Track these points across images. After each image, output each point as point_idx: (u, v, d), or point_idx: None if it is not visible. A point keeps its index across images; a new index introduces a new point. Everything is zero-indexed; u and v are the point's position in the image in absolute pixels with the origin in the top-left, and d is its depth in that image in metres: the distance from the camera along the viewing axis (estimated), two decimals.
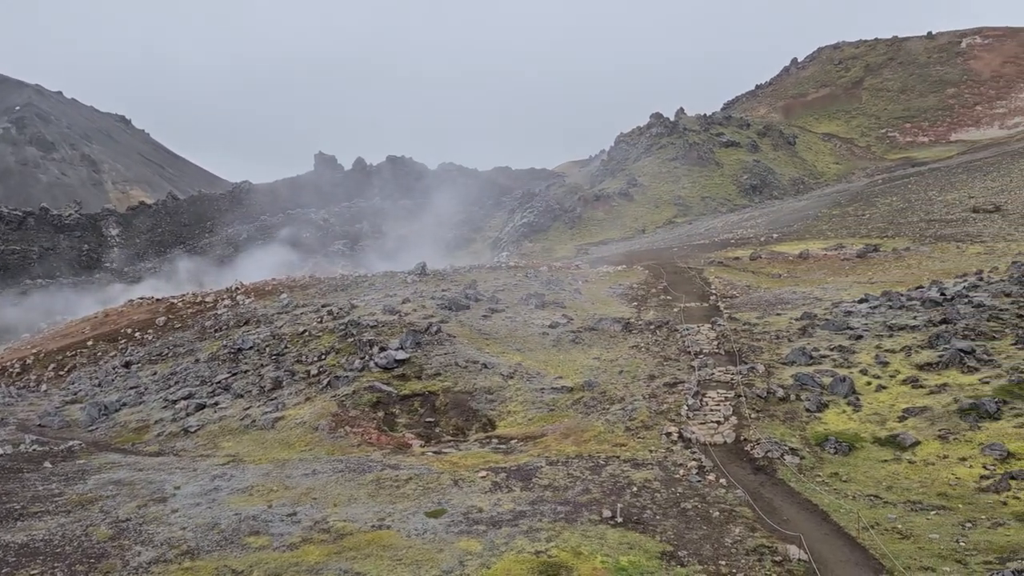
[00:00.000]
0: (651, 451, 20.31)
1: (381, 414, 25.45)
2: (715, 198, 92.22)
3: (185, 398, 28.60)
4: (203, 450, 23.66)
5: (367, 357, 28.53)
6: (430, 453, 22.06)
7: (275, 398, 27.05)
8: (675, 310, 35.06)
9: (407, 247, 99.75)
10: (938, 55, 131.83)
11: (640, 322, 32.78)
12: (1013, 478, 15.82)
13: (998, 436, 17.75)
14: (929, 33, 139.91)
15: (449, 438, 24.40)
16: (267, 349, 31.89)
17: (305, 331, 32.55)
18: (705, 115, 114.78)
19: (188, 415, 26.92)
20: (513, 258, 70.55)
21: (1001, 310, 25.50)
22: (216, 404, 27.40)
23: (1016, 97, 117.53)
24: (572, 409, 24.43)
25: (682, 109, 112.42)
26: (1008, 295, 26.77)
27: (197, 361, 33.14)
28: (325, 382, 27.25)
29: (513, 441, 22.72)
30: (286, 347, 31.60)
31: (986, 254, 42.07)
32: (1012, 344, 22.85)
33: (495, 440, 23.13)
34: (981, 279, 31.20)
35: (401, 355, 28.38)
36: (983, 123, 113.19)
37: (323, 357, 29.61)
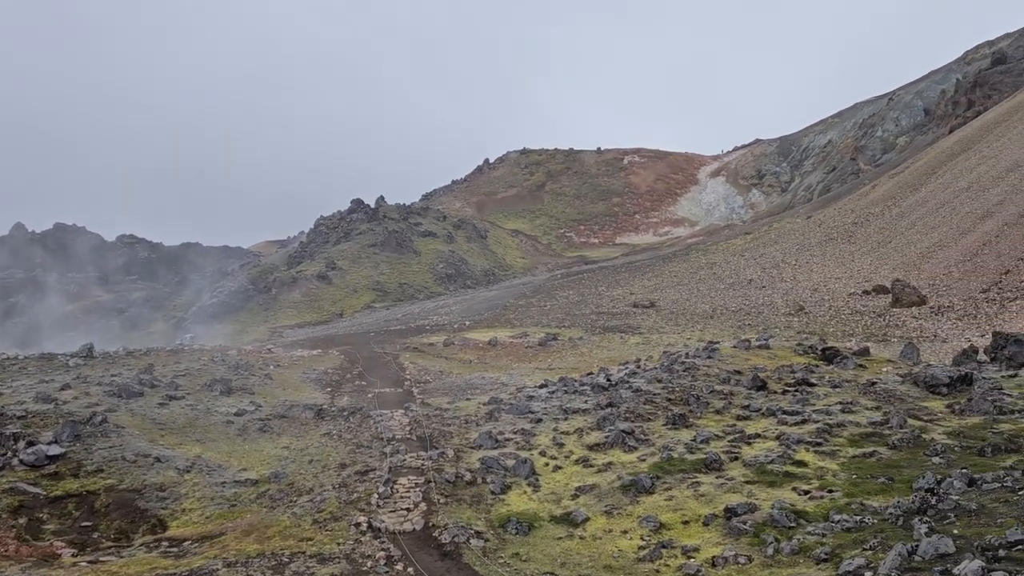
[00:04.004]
0: (339, 544, 19.63)
1: (24, 520, 21.78)
2: (413, 285, 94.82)
3: None
4: None
5: (9, 453, 24.46)
6: (84, 563, 19.24)
7: None
8: (369, 395, 34.92)
9: (72, 326, 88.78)
10: (606, 168, 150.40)
11: (333, 408, 32.11)
12: (664, 547, 17.64)
13: (652, 509, 19.79)
14: (598, 148, 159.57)
15: (110, 544, 21.50)
16: None
17: None
18: (405, 204, 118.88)
19: None
20: (199, 340, 65.83)
21: (654, 394, 28.90)
22: None
23: (666, 209, 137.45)
24: (256, 503, 22.92)
25: (383, 197, 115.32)
26: (660, 381, 30.48)
27: None
28: None
29: (187, 543, 20.65)
30: None
31: (644, 344, 47.73)
32: (663, 425, 25.90)
33: (165, 543, 20.85)
34: (639, 366, 35.24)
35: (55, 450, 24.73)
36: (641, 230, 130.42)
37: None
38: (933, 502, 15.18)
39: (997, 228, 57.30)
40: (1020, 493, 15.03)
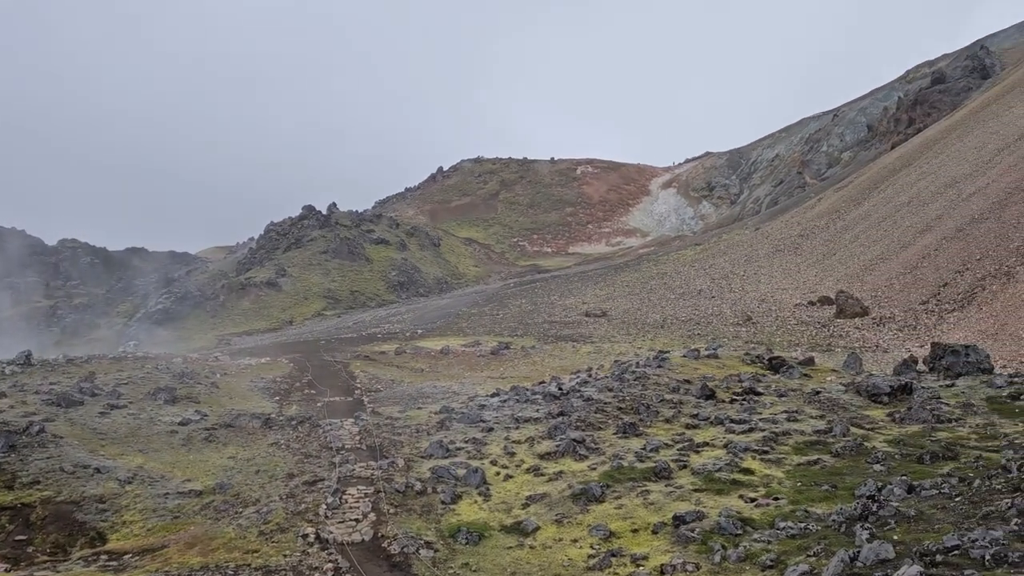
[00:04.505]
0: (285, 556, 19.29)
1: None
2: (364, 292, 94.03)
3: None
4: None
5: None
6: None
7: None
8: (319, 404, 34.46)
9: (10, 332, 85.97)
10: (559, 178, 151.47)
11: (282, 417, 31.58)
12: (614, 555, 17.73)
13: (602, 517, 19.88)
14: (552, 158, 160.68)
15: (45, 558, 20.79)
16: None
17: None
18: (357, 211, 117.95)
19: None
20: (144, 348, 64.23)
21: (605, 403, 29.08)
22: None
23: (618, 220, 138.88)
24: (200, 515, 22.40)
25: (335, 204, 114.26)
26: (611, 390, 30.68)
27: None
28: None
29: (127, 556, 20.08)
30: None
31: (595, 353, 48.06)
32: (613, 434, 26.07)
33: (104, 556, 20.24)
34: (590, 375, 35.45)
35: None
36: (594, 239, 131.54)
37: None
38: (874, 509, 15.53)
39: (936, 242, 59.17)
40: (956, 500, 15.48)
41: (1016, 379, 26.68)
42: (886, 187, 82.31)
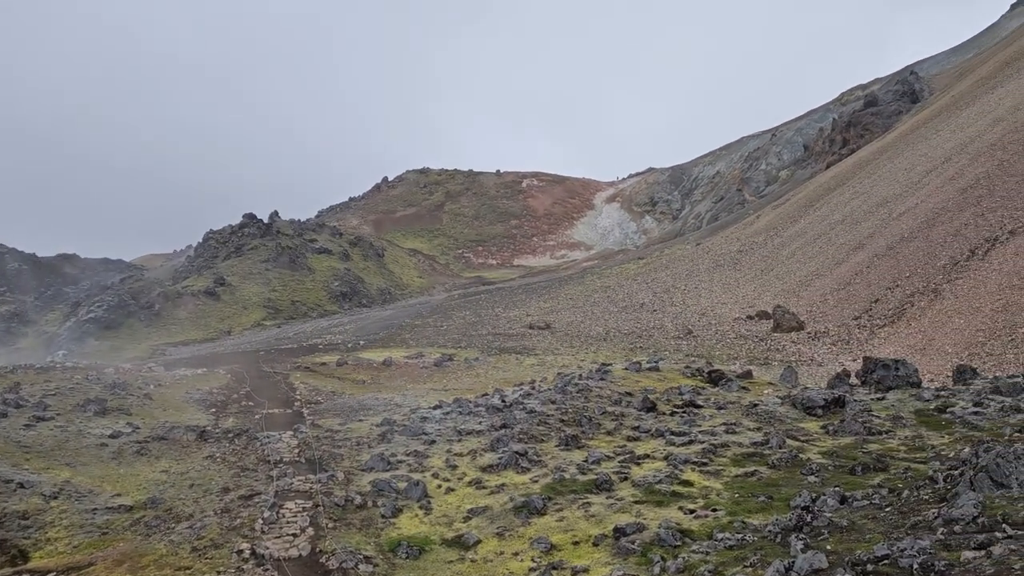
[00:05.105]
0: (219, 572, 18.76)
1: None
2: (306, 303, 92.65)
3: None
4: None
5: None
6: None
7: None
8: (257, 417, 33.74)
9: None
10: (505, 190, 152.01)
11: (218, 430, 30.82)
12: (554, 568, 17.71)
13: (544, 530, 19.86)
14: (498, 171, 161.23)
15: None
16: None
17: None
18: (299, 220, 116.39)
19: None
20: (73, 358, 62.06)
21: (548, 416, 29.15)
22: None
23: (563, 233, 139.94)
24: (130, 531, 21.66)
25: (276, 212, 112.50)
26: (553, 402, 30.77)
27: None
28: None
29: (51, 574, 19.28)
30: None
31: (539, 365, 48.18)
32: (556, 446, 26.12)
33: (27, 575, 19.40)
34: (534, 388, 35.50)
35: None
36: (538, 252, 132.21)
37: None
38: (808, 519, 15.85)
39: (868, 259, 61.10)
40: (886, 510, 15.90)
41: (942, 392, 27.62)
42: (821, 205, 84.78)
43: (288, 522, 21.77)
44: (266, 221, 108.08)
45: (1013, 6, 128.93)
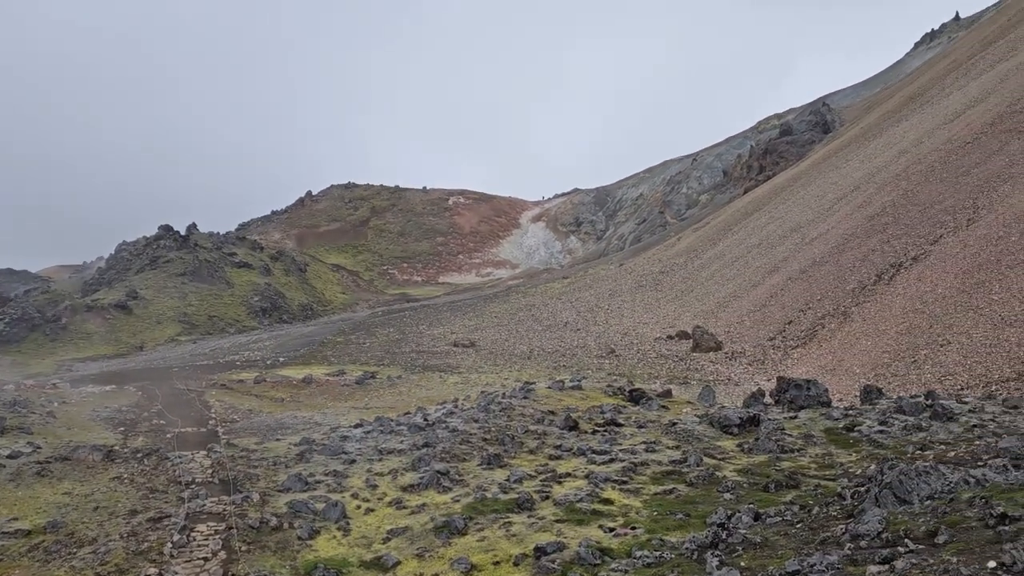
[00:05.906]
0: None
1: None
2: (224, 318, 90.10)
3: None
4: None
5: None
6: None
7: None
8: (169, 436, 32.51)
9: None
10: (431, 207, 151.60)
11: (126, 450, 29.55)
12: None
13: (465, 550, 19.69)
14: (424, 188, 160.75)
15: None
16: None
17: None
18: (219, 233, 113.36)
19: None
20: None
21: (471, 434, 29.01)
22: None
23: (488, 251, 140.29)
24: (28, 557, 20.49)
25: (195, 224, 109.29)
26: (476, 421, 30.66)
27: None
28: None
29: None
30: None
31: (462, 383, 48.00)
32: (478, 465, 26.00)
33: None
34: (457, 406, 35.31)
35: None
36: (464, 270, 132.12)
37: None
38: (724, 536, 16.18)
39: (782, 282, 63.27)
40: (798, 526, 16.37)
41: (850, 412, 28.70)
42: (739, 229, 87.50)
43: (199, 546, 20.98)
44: (183, 233, 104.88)
45: (916, 44, 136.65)
